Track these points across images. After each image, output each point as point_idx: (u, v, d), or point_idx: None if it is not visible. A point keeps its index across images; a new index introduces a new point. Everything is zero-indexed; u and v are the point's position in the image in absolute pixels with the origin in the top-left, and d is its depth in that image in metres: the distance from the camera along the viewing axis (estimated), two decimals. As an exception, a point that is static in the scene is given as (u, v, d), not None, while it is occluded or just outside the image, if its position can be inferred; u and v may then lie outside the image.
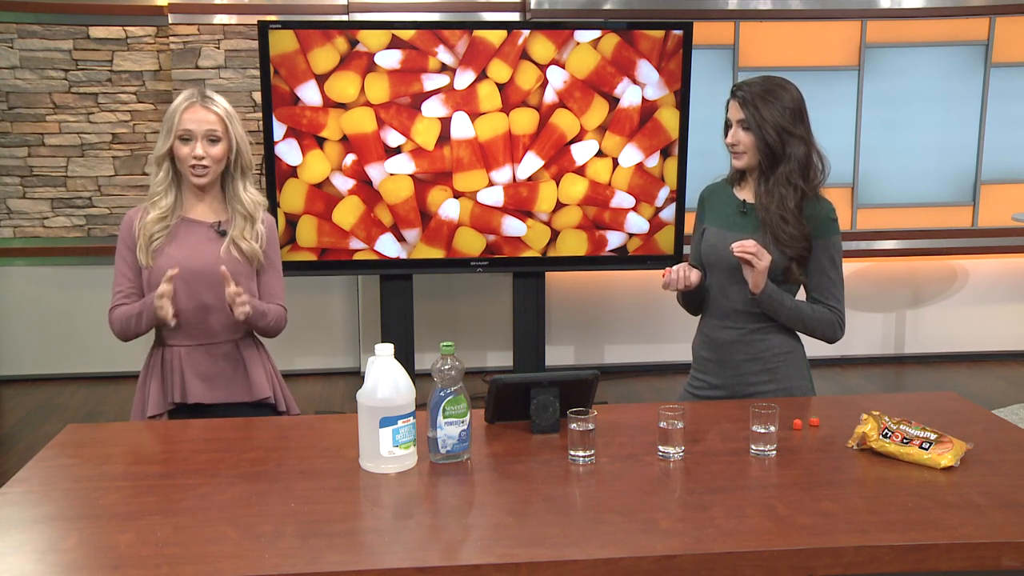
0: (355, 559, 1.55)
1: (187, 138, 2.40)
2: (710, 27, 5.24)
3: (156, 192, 2.46)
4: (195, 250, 2.44)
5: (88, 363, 5.48)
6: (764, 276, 2.33)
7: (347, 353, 5.65)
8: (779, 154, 2.36)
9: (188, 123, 2.40)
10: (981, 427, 2.16)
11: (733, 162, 2.46)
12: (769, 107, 2.34)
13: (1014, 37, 5.45)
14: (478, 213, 4.55)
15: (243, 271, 2.47)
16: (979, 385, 5.37)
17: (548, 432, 2.11)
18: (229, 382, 2.49)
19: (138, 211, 2.50)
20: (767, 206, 2.37)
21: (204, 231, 2.47)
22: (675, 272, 2.39)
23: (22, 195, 5.37)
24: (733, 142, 2.41)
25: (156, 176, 2.46)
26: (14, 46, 5.22)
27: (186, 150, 2.41)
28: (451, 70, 4.41)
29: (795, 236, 2.35)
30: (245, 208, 2.49)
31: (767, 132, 2.34)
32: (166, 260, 2.42)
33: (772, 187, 2.37)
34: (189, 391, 2.45)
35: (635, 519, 1.68)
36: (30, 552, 1.58)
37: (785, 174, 2.36)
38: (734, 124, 2.40)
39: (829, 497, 1.77)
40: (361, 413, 1.91)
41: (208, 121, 2.41)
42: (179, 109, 2.41)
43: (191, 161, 2.41)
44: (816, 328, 2.42)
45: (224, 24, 5.18)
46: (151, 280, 2.42)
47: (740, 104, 2.37)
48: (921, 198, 5.60)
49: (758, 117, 2.34)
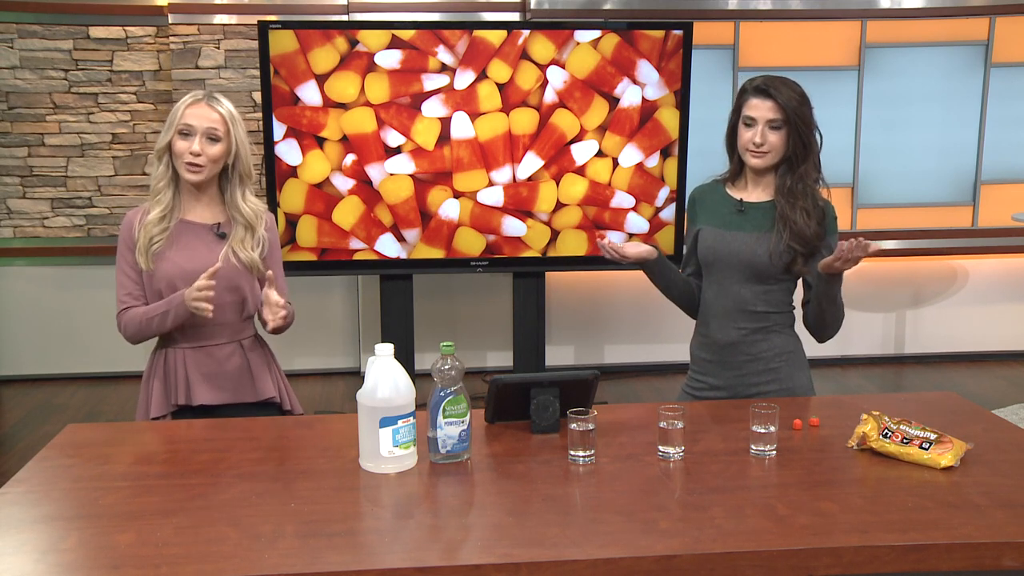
0: (355, 559, 1.55)
1: (187, 133, 2.39)
2: (710, 27, 5.24)
3: (157, 188, 2.45)
4: (196, 252, 2.43)
5: (88, 363, 5.48)
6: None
7: (347, 353, 5.65)
8: (808, 152, 2.39)
9: (190, 118, 2.39)
10: (981, 427, 2.16)
11: (752, 161, 2.41)
12: (803, 107, 2.37)
13: (1014, 37, 5.45)
14: (478, 213, 4.55)
15: (243, 276, 2.47)
16: (979, 385, 5.37)
17: (548, 432, 2.11)
18: (234, 383, 2.48)
19: (137, 212, 2.48)
20: (793, 203, 2.38)
21: (203, 233, 2.46)
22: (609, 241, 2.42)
23: (22, 195, 5.37)
24: (761, 142, 2.37)
25: (156, 170, 2.46)
26: (14, 46, 5.22)
27: (183, 145, 2.39)
28: (451, 70, 4.41)
29: (817, 233, 2.38)
30: (245, 218, 2.48)
31: (802, 129, 2.36)
32: (167, 264, 2.41)
33: (796, 183, 2.39)
34: (194, 393, 2.44)
35: (635, 519, 1.68)
36: (30, 552, 1.58)
37: (808, 169, 2.39)
38: (761, 124, 2.36)
39: (829, 497, 1.77)
40: (361, 413, 1.91)
41: (210, 119, 2.40)
42: (184, 104, 2.41)
43: (187, 157, 2.38)
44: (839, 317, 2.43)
45: (224, 24, 5.18)
46: (152, 283, 2.42)
47: (779, 106, 2.35)
48: (921, 198, 5.60)
49: (798, 119, 2.35)
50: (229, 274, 2.44)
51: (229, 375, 2.48)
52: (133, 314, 2.43)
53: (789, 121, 2.35)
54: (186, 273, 2.39)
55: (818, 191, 2.42)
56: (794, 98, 2.35)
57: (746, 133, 2.40)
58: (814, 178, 2.40)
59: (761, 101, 2.37)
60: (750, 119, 2.38)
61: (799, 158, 2.39)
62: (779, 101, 2.34)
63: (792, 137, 2.37)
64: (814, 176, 2.40)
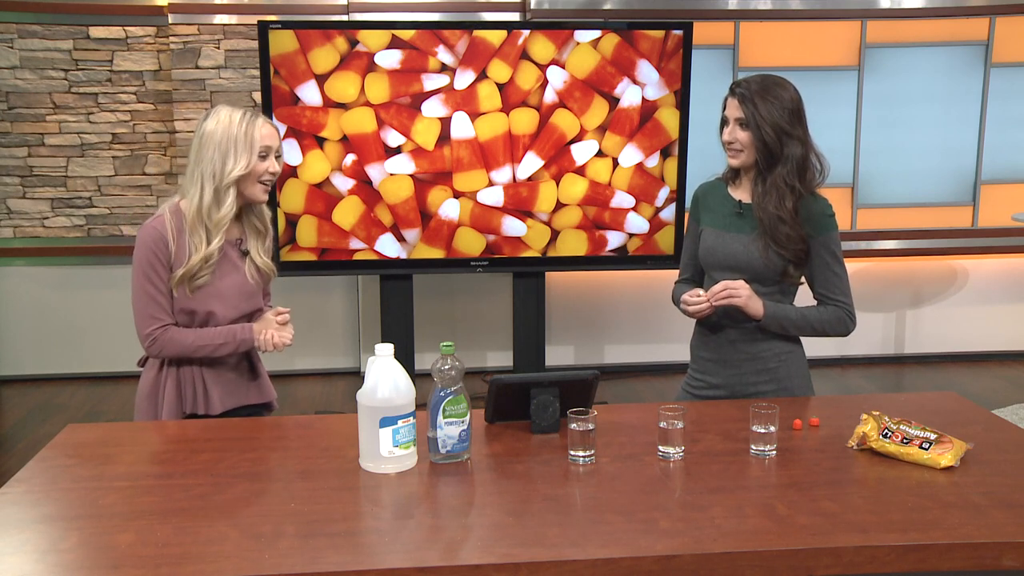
0: (355, 559, 1.55)
1: (265, 155, 2.38)
2: (710, 27, 5.24)
3: (224, 221, 2.35)
4: (225, 271, 2.42)
5: (88, 363, 5.48)
6: (756, 300, 2.35)
7: (347, 353, 5.65)
8: (777, 154, 2.34)
9: (267, 140, 2.37)
10: (981, 427, 2.16)
11: (729, 160, 2.44)
12: (768, 105, 2.32)
13: (1014, 37, 5.45)
14: (478, 213, 4.55)
15: (258, 292, 2.50)
16: (979, 385, 5.37)
17: (548, 432, 2.11)
18: (243, 387, 2.50)
19: (163, 225, 2.35)
20: (764, 207, 2.36)
21: (229, 250, 2.44)
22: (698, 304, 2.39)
23: (22, 195, 5.37)
24: (730, 139, 2.39)
25: (225, 201, 2.34)
26: (14, 46, 5.22)
27: (264, 165, 2.37)
28: (451, 70, 4.41)
29: (792, 237, 2.35)
30: (263, 223, 2.49)
31: (765, 131, 2.32)
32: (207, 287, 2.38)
33: (769, 188, 2.36)
34: (212, 403, 2.42)
35: (635, 519, 1.68)
36: (30, 552, 1.58)
37: (782, 175, 2.34)
38: (732, 121, 2.38)
39: (829, 497, 1.77)
40: (361, 413, 1.91)
41: (277, 136, 2.41)
42: (255, 126, 2.35)
43: (266, 177, 2.38)
44: (828, 329, 2.43)
45: (224, 24, 5.18)
46: (186, 302, 2.36)
47: (739, 101, 2.35)
48: (921, 198, 5.60)
49: (757, 115, 2.32)
50: (252, 290, 2.48)
51: (239, 380, 2.49)
52: (179, 336, 2.36)
53: (748, 123, 2.34)
54: (219, 292, 2.39)
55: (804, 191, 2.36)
56: (761, 96, 2.32)
57: (723, 132, 2.42)
58: (790, 182, 2.33)
59: (731, 99, 2.39)
60: (724, 118, 2.41)
61: (765, 159, 2.35)
62: (743, 101, 2.34)
63: (756, 137, 2.34)
64: (790, 183, 2.33)
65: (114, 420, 4.58)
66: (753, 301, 2.35)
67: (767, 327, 2.40)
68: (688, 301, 2.38)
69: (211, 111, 2.39)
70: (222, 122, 2.34)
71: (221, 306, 2.40)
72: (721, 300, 2.34)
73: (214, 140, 2.33)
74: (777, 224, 2.34)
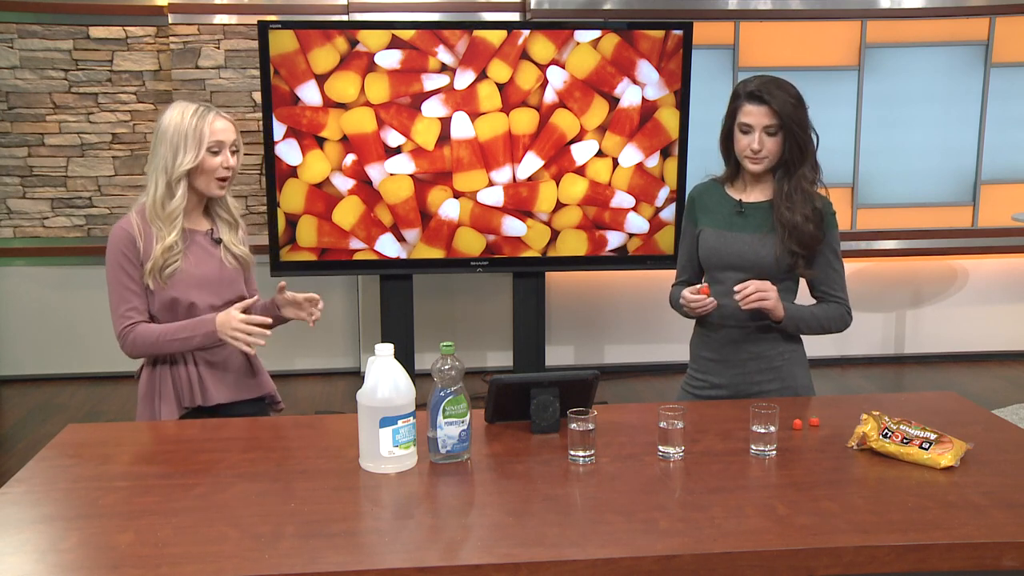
0: (355, 559, 1.55)
1: (217, 150, 2.38)
2: (710, 27, 5.24)
3: (174, 214, 2.37)
4: (200, 258, 2.44)
5: (88, 363, 5.48)
6: (779, 301, 2.35)
7: (347, 353, 5.65)
8: (805, 153, 2.37)
9: (219, 135, 2.37)
10: (981, 427, 2.16)
11: (750, 167, 2.39)
12: (798, 111, 2.34)
13: (1014, 37, 5.45)
14: (478, 213, 4.55)
15: (239, 274, 2.51)
16: (979, 385, 5.37)
17: (548, 432, 2.11)
18: (239, 379, 2.50)
19: (130, 224, 2.40)
20: (791, 206, 2.36)
21: (201, 238, 2.46)
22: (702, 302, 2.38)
23: (22, 195, 5.37)
24: (759, 148, 2.35)
25: (175, 196, 2.37)
26: (14, 46, 5.22)
27: (217, 161, 2.38)
28: (451, 70, 4.41)
29: (815, 236, 2.37)
30: (232, 215, 2.51)
31: (797, 133, 2.33)
32: (180, 275, 2.39)
33: (794, 188, 2.37)
34: (208, 394, 2.43)
35: (635, 519, 1.68)
36: (30, 552, 1.58)
37: (806, 173, 2.37)
38: (758, 130, 2.34)
39: (829, 497, 1.77)
40: (361, 413, 1.91)
41: (232, 131, 2.41)
42: (205, 122, 2.36)
43: (220, 172, 2.39)
44: (831, 326, 2.45)
45: (224, 24, 5.18)
46: (162, 294, 2.38)
47: (774, 112, 2.32)
48: (921, 198, 5.60)
49: (793, 124, 2.32)
50: (231, 276, 2.48)
51: (235, 372, 2.49)
52: (146, 331, 2.37)
53: (784, 126, 2.33)
54: (197, 280, 2.40)
55: (816, 192, 2.41)
56: (789, 102, 2.32)
57: (743, 139, 2.37)
58: (811, 180, 2.38)
59: (756, 107, 2.33)
60: (746, 126, 2.35)
61: (796, 161, 2.37)
62: (774, 106, 2.31)
63: (788, 141, 2.35)
64: (811, 178, 2.38)
65: (114, 420, 4.58)
66: (778, 303, 2.35)
67: (785, 327, 2.41)
68: (689, 298, 2.38)
69: (169, 106, 2.42)
70: (174, 117, 2.37)
71: (200, 294, 2.41)
72: (752, 303, 2.32)
73: (167, 135, 2.37)
74: (803, 223, 2.35)
